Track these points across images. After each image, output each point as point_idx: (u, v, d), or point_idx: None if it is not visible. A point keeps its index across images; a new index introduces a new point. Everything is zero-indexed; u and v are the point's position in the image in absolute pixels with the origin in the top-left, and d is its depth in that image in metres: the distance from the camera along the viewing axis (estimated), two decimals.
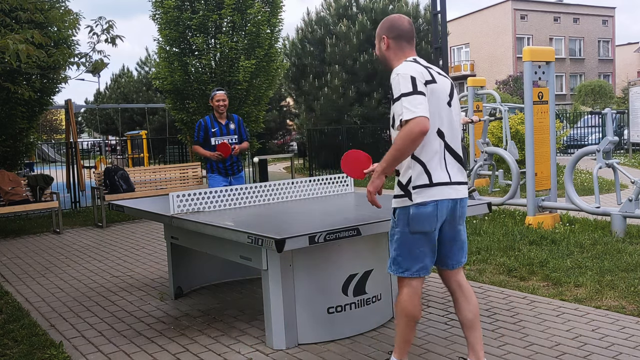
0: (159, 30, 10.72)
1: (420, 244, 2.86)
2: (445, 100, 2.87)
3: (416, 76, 2.75)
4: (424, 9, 19.40)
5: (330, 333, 3.73)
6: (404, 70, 2.78)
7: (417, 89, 2.72)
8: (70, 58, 7.33)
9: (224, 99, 6.24)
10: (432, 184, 2.81)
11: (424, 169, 2.81)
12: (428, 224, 2.82)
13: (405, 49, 2.98)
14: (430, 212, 2.81)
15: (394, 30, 2.98)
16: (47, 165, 14.77)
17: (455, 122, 2.94)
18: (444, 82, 2.90)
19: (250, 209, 4.42)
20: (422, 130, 2.66)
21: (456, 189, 2.88)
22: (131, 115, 31.51)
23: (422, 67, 2.84)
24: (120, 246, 7.48)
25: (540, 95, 7.17)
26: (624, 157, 17.29)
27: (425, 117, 2.67)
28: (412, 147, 2.72)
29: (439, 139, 2.84)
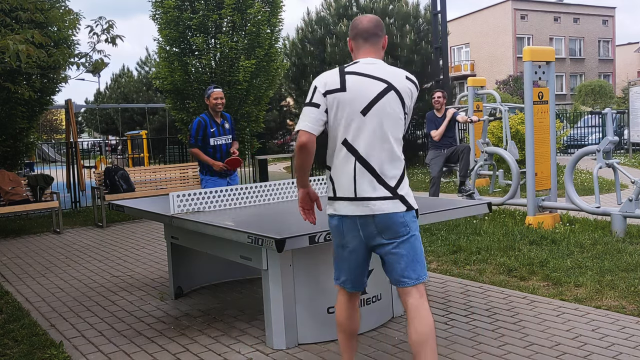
0: (159, 30, 10.72)
1: (338, 256, 2.85)
2: (358, 109, 2.68)
3: (318, 86, 2.73)
4: (424, 9, 19.39)
5: (331, 333, 3.73)
6: (316, 79, 2.77)
7: (311, 101, 2.72)
8: (70, 58, 7.33)
9: (222, 97, 5.90)
10: (336, 197, 2.76)
11: (331, 182, 2.79)
12: (336, 236, 2.80)
13: (361, 48, 2.83)
14: (335, 226, 2.79)
15: (352, 30, 2.86)
16: (47, 165, 14.77)
17: (379, 131, 2.69)
18: (363, 87, 2.69)
19: (250, 209, 4.42)
20: (299, 144, 2.70)
21: (362, 205, 2.67)
22: (131, 115, 31.52)
23: (336, 74, 2.73)
24: (120, 246, 7.49)
25: (540, 95, 7.17)
26: (624, 157, 17.29)
27: (304, 131, 2.68)
28: (300, 160, 2.74)
29: (345, 151, 2.71)
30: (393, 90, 2.72)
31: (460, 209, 3.93)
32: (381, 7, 19.04)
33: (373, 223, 2.68)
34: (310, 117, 2.70)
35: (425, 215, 3.67)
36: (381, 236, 2.70)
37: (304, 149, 2.70)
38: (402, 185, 2.72)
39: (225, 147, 5.99)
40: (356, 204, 2.69)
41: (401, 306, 4.16)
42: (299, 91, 20.34)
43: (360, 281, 2.88)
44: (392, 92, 2.72)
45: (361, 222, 2.70)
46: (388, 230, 2.68)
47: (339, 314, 2.91)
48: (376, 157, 2.69)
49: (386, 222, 2.67)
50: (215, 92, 5.87)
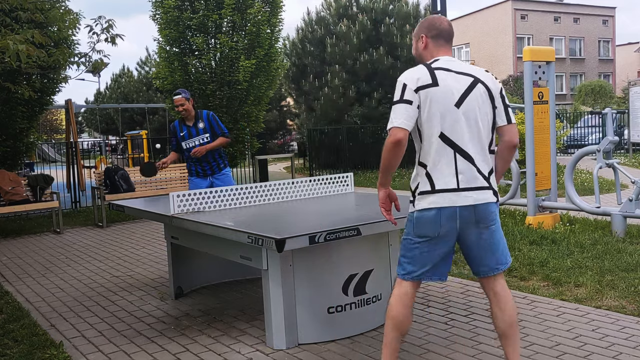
0: (159, 30, 10.73)
1: (422, 248, 2.79)
2: (452, 102, 2.74)
3: (408, 83, 2.74)
4: (424, 9, 19.39)
5: (331, 333, 3.73)
6: (402, 76, 2.80)
7: (402, 98, 2.73)
8: (70, 58, 7.33)
9: (182, 104, 5.84)
10: (435, 190, 2.75)
11: (427, 176, 2.78)
12: (429, 230, 2.76)
13: (441, 47, 2.93)
14: (431, 217, 2.75)
15: (432, 29, 2.94)
16: (48, 165, 14.77)
17: (474, 123, 2.78)
18: (453, 81, 2.77)
19: (250, 209, 4.42)
20: (393, 141, 2.71)
21: (465, 196, 2.73)
22: (131, 115, 31.52)
23: (425, 70, 2.77)
24: (120, 246, 7.48)
25: (540, 95, 7.17)
26: (624, 157, 17.29)
27: (399, 128, 2.69)
28: (390, 158, 2.76)
29: (443, 144, 2.75)
30: (480, 83, 2.82)
31: None
32: (381, 7, 19.04)
33: (473, 213, 2.75)
34: (404, 113, 2.71)
35: None
36: (477, 225, 2.78)
37: (399, 145, 2.71)
38: (492, 177, 2.85)
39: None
40: (458, 195, 2.74)
41: None
42: (299, 91, 20.35)
43: (446, 270, 2.89)
44: (480, 84, 2.82)
45: (461, 213, 2.74)
46: (484, 220, 2.78)
47: (401, 311, 2.83)
48: (473, 148, 2.77)
49: (484, 212, 2.77)
50: (175, 99, 5.89)
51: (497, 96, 2.87)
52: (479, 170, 2.78)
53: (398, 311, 2.83)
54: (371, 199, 4.61)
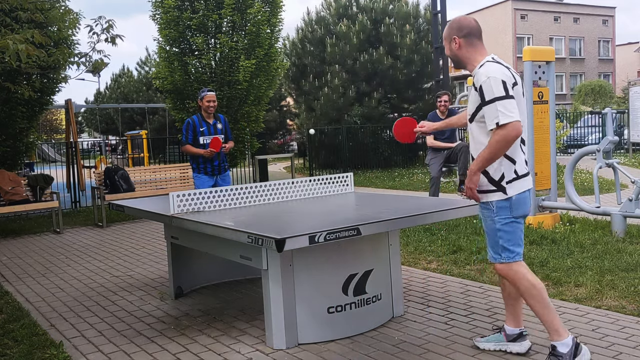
0: (159, 30, 10.73)
1: (518, 230, 3.15)
2: (522, 99, 3.12)
3: (506, 80, 2.97)
4: (424, 8, 19.40)
5: (331, 333, 3.73)
6: (494, 73, 2.97)
7: (509, 93, 2.95)
8: (70, 58, 7.34)
9: (214, 100, 6.28)
10: (519, 176, 3.11)
11: (513, 164, 3.10)
12: (523, 209, 3.12)
13: (478, 46, 3.14)
14: (525, 197, 3.12)
15: (463, 29, 3.13)
16: (47, 165, 14.77)
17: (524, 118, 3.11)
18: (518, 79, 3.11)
19: (250, 209, 4.42)
20: (517, 134, 2.94)
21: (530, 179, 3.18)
22: (131, 115, 31.53)
23: (506, 70, 3.04)
24: (120, 246, 7.49)
25: (540, 95, 7.17)
26: (624, 157, 17.29)
27: (519, 122, 2.94)
28: (507, 149, 3.00)
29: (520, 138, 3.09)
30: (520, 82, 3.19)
31: (460, 209, 3.93)
32: (381, 7, 19.05)
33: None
34: (516, 108, 2.95)
35: (425, 215, 3.67)
36: None
37: (517, 138, 2.98)
38: None
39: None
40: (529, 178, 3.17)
41: (401, 306, 4.17)
42: (298, 91, 20.35)
43: None
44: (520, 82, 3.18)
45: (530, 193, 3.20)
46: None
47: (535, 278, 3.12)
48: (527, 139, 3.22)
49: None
50: (208, 95, 6.22)
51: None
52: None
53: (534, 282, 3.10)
54: (371, 199, 4.61)
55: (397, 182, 13.85)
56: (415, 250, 6.15)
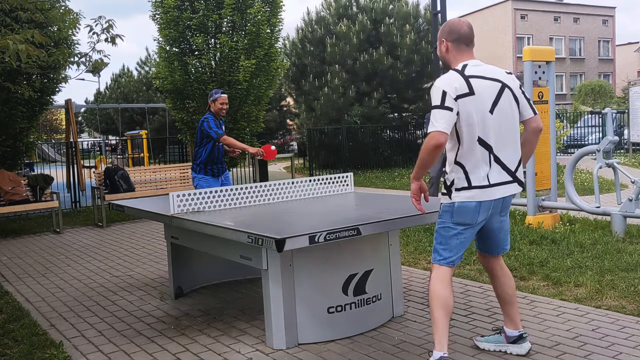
0: (159, 30, 10.73)
1: (463, 236, 3.13)
2: (486, 109, 3.04)
3: (448, 90, 2.96)
4: (424, 8, 19.39)
5: (331, 333, 3.73)
6: (440, 83, 3.00)
7: (443, 104, 2.95)
8: (70, 58, 7.34)
9: (227, 102, 6.17)
10: (471, 186, 3.07)
11: (465, 174, 3.07)
12: (469, 218, 3.09)
13: (464, 52, 3.15)
14: (472, 207, 3.08)
15: (452, 34, 3.15)
16: (47, 165, 14.77)
17: (506, 124, 3.09)
18: (486, 88, 3.05)
19: (250, 209, 4.42)
20: (435, 144, 2.91)
21: (496, 190, 3.09)
22: (131, 115, 31.52)
23: (461, 79, 3.00)
24: (120, 246, 7.48)
25: (540, 95, 7.17)
26: (624, 157, 17.29)
27: (441, 132, 2.91)
28: (429, 158, 2.97)
29: (481, 147, 3.04)
30: (507, 88, 3.12)
31: None
32: (381, 7, 19.04)
33: (501, 203, 3.18)
34: (445, 120, 2.94)
35: (425, 215, 3.67)
36: (500, 214, 3.24)
37: (440, 148, 2.94)
38: (520, 168, 3.20)
39: (222, 149, 6.16)
40: (490, 191, 3.08)
41: (401, 306, 4.17)
42: (298, 91, 20.35)
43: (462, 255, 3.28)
44: (507, 89, 3.12)
45: (494, 205, 3.14)
46: (506, 208, 3.26)
47: (448, 294, 3.11)
48: (504, 149, 3.10)
49: (507, 203, 3.24)
50: (222, 97, 6.09)
51: (518, 94, 3.17)
52: (507, 167, 3.13)
53: (438, 290, 3.12)
54: (371, 199, 4.61)
55: (397, 182, 13.85)
56: (415, 250, 6.15)
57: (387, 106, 19.30)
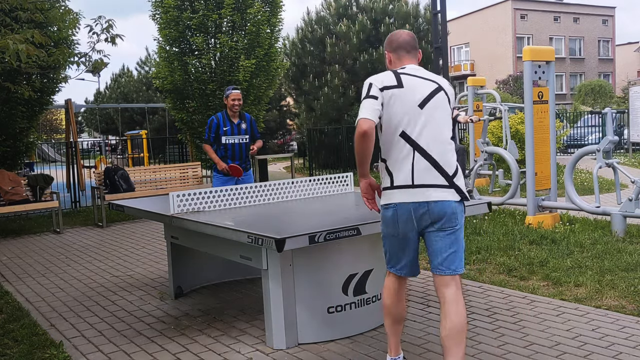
0: (159, 30, 10.72)
1: (392, 245, 2.97)
2: (415, 103, 2.85)
3: (373, 82, 2.88)
4: (424, 8, 19.38)
5: (331, 333, 3.73)
6: (369, 78, 2.93)
7: (368, 93, 2.85)
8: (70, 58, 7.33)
9: (239, 99, 6.13)
10: (393, 186, 2.88)
11: (388, 172, 2.91)
12: (391, 227, 2.91)
13: (404, 58, 3.07)
14: (390, 216, 2.89)
15: (392, 43, 3.10)
16: (47, 165, 14.77)
17: (434, 123, 2.86)
18: (418, 85, 2.89)
19: (250, 209, 4.42)
20: (359, 131, 2.77)
21: (421, 192, 2.80)
22: (131, 115, 31.50)
23: (390, 74, 2.92)
24: (120, 246, 7.48)
25: (540, 94, 7.17)
26: (624, 157, 17.29)
27: (365, 119, 2.77)
28: (361, 147, 2.80)
29: (404, 141, 2.85)
30: (442, 91, 2.96)
31: None
32: (381, 6, 19.04)
33: (427, 211, 2.82)
34: (368, 108, 2.81)
35: None
36: (432, 225, 2.84)
37: (366, 136, 2.77)
38: (458, 176, 2.89)
39: (239, 147, 6.17)
40: (414, 192, 2.82)
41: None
42: (298, 91, 20.34)
43: (416, 267, 3.02)
44: (442, 92, 2.95)
45: (415, 210, 2.82)
46: (440, 220, 2.82)
47: (388, 299, 3.04)
48: (434, 147, 2.85)
49: (440, 211, 2.81)
50: (233, 93, 6.09)
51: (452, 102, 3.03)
52: (440, 168, 2.84)
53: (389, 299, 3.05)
54: None
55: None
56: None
57: None
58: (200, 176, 10.75)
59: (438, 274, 2.88)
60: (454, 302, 2.81)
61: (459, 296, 2.84)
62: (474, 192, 7.97)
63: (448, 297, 2.82)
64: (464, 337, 2.79)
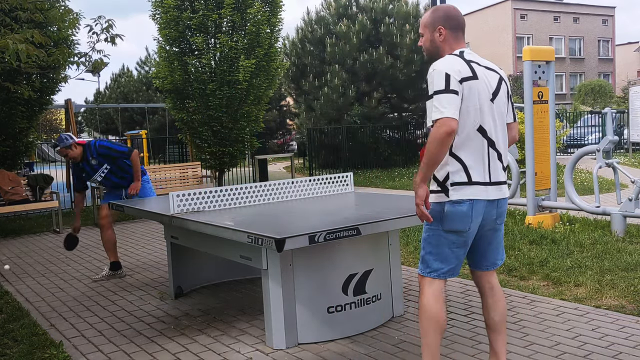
0: (159, 29, 10.72)
1: (451, 244, 2.75)
2: (488, 96, 2.75)
3: (451, 73, 2.65)
4: (424, 8, 19.38)
5: (330, 333, 3.73)
6: (440, 66, 2.68)
7: (449, 87, 2.62)
8: (70, 57, 7.33)
9: (65, 154, 5.61)
10: (471, 182, 2.72)
11: (463, 167, 2.72)
12: (461, 224, 2.71)
13: (461, 40, 2.87)
14: (465, 211, 2.70)
15: (452, 20, 2.86)
16: (47, 164, 14.76)
17: (501, 118, 2.82)
18: (488, 76, 2.79)
19: (250, 209, 4.42)
20: (447, 131, 2.56)
21: (496, 189, 2.77)
22: (131, 115, 31.50)
23: (462, 62, 2.72)
24: (120, 246, 7.47)
25: (540, 94, 7.17)
26: (624, 157, 17.29)
27: (452, 118, 2.57)
28: (441, 149, 2.60)
29: (481, 136, 2.73)
30: (503, 81, 2.88)
31: None
32: (381, 6, 19.04)
33: (496, 207, 2.80)
34: (453, 103, 2.60)
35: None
36: (496, 221, 2.85)
37: (452, 136, 2.58)
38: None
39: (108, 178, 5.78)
40: (492, 188, 2.77)
41: (401, 306, 4.17)
42: (298, 91, 20.34)
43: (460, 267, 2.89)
44: (503, 82, 2.88)
45: (488, 206, 2.77)
46: (501, 215, 2.86)
47: (440, 310, 2.76)
48: (501, 143, 2.82)
49: (503, 207, 2.86)
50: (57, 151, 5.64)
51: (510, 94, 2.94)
52: (503, 165, 2.85)
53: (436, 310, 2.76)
54: (371, 199, 4.61)
55: (397, 182, 13.85)
56: (415, 250, 6.15)
57: (387, 106, 19.30)
58: (200, 176, 10.75)
59: (491, 270, 2.95)
60: (500, 288, 2.99)
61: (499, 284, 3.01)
62: None
63: (496, 284, 2.96)
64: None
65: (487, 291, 2.94)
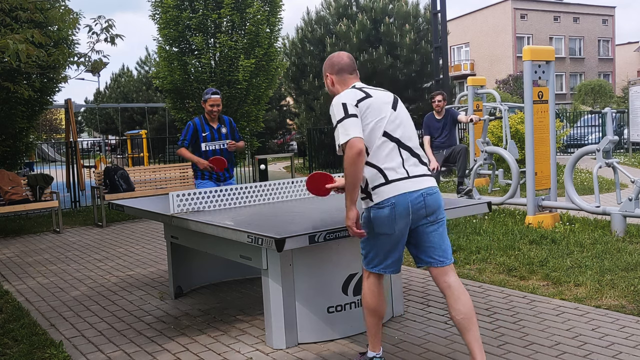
0: (159, 29, 10.73)
1: (382, 244, 2.98)
2: (388, 105, 3.04)
3: (347, 101, 2.94)
4: (424, 8, 19.39)
5: (330, 332, 3.73)
6: (337, 99, 2.98)
7: (348, 113, 2.89)
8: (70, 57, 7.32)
9: (218, 104, 5.58)
10: (388, 181, 2.93)
11: (379, 170, 2.95)
12: (387, 227, 2.93)
13: (348, 79, 3.16)
14: (387, 215, 2.91)
15: (334, 66, 3.19)
16: (47, 164, 14.77)
17: (408, 120, 3.09)
18: (382, 94, 3.08)
19: (250, 209, 4.42)
20: (356, 151, 2.81)
21: (415, 182, 2.96)
22: (131, 115, 31.52)
23: (355, 91, 3.03)
24: (120, 246, 7.48)
25: (540, 94, 7.17)
26: (624, 157, 17.29)
27: (357, 137, 2.83)
28: (357, 169, 2.83)
29: (388, 140, 2.97)
30: (399, 99, 3.18)
31: (460, 209, 3.93)
32: (381, 6, 19.04)
33: (423, 201, 2.94)
34: (355, 126, 2.87)
35: None
36: (426, 218, 2.97)
37: (362, 154, 2.84)
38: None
39: (220, 154, 5.68)
40: (410, 182, 2.95)
41: (401, 306, 4.17)
42: (298, 90, 20.35)
43: (401, 264, 3.10)
44: (399, 100, 3.18)
45: (413, 203, 2.91)
46: (434, 212, 2.99)
47: (374, 300, 3.06)
48: (413, 142, 3.06)
49: (434, 203, 2.98)
50: (212, 98, 5.56)
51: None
52: (421, 159, 3.06)
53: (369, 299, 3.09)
54: None
55: None
56: None
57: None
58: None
59: (439, 266, 3.01)
60: (460, 285, 3.01)
61: (459, 281, 3.05)
62: (474, 191, 7.97)
63: (453, 282, 3.00)
64: (475, 315, 2.97)
65: (445, 290, 3.02)
